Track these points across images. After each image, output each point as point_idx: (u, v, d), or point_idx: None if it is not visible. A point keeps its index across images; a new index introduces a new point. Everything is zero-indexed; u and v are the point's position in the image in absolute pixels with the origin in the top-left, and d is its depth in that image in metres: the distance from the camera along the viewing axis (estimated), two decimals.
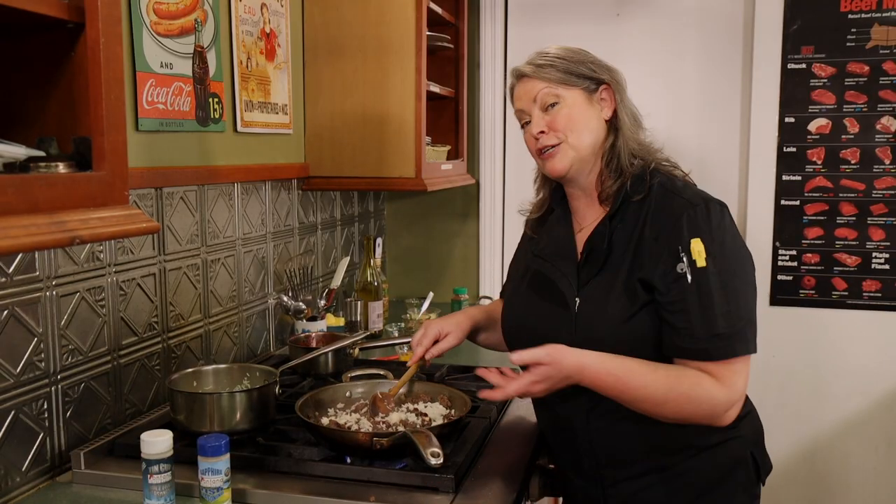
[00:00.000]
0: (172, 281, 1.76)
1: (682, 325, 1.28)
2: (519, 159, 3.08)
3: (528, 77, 1.43)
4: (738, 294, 1.30)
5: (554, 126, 1.41)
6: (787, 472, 2.90)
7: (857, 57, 2.67)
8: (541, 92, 1.41)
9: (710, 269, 1.28)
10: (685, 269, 1.28)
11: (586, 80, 1.41)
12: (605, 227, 1.39)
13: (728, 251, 1.31)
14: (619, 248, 1.38)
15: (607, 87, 1.43)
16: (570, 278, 1.42)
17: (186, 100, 1.77)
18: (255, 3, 2.06)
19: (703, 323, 1.27)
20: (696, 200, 1.34)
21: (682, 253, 1.29)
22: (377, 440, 1.34)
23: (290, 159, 2.31)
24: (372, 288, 2.48)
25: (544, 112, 1.42)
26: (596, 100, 1.43)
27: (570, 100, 1.41)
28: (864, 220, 2.73)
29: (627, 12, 2.90)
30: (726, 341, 1.27)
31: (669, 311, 1.30)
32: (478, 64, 3.01)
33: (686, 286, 1.28)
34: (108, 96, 0.99)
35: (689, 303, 1.28)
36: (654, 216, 1.35)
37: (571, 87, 1.41)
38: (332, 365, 1.87)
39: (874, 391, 2.80)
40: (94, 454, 1.42)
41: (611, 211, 1.40)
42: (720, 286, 1.28)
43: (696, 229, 1.30)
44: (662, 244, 1.32)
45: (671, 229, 1.31)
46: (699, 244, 1.28)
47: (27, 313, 1.36)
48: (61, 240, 0.90)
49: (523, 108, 1.45)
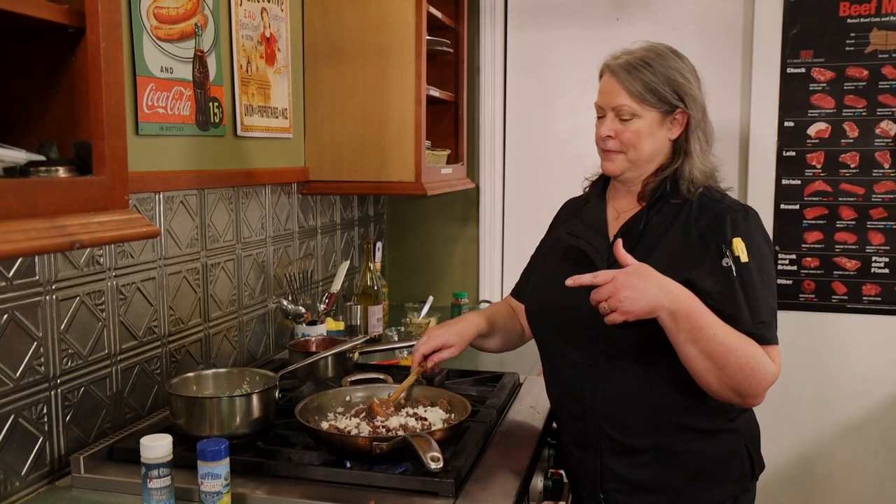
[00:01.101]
0: (172, 285, 1.76)
1: (730, 311, 1.36)
2: (519, 164, 3.09)
3: (615, 78, 1.48)
4: (771, 290, 1.42)
5: (620, 137, 1.48)
6: (787, 475, 2.90)
7: (856, 61, 2.68)
8: (620, 105, 1.47)
9: (752, 264, 1.39)
10: (730, 262, 1.39)
11: (665, 104, 1.47)
12: (642, 214, 1.49)
13: (763, 253, 1.43)
14: (653, 234, 1.47)
15: (683, 111, 1.48)
16: (602, 253, 1.50)
17: (186, 104, 1.77)
18: (255, 7, 2.06)
19: (749, 310, 1.37)
20: (737, 206, 1.46)
21: (725, 249, 1.40)
22: (377, 444, 1.34)
23: (289, 163, 2.31)
24: (372, 292, 2.48)
25: (617, 118, 1.49)
26: (668, 121, 1.49)
27: (644, 118, 1.47)
28: (864, 224, 2.73)
29: (627, 17, 2.90)
30: (769, 328, 1.38)
31: (717, 300, 1.37)
32: (477, 68, 3.01)
33: (732, 278, 1.38)
34: (108, 101, 0.99)
35: (737, 292, 1.37)
36: (697, 218, 1.45)
37: (649, 107, 1.46)
38: (331, 369, 1.87)
39: (874, 395, 2.80)
40: (94, 458, 1.41)
41: (650, 202, 1.49)
42: (760, 280, 1.39)
43: (737, 230, 1.41)
44: (708, 242, 1.42)
45: (716, 229, 1.42)
46: (741, 242, 1.40)
47: (27, 317, 1.36)
48: (61, 244, 0.90)
49: (602, 105, 1.52)
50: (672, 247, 1.45)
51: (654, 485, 1.48)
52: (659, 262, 1.39)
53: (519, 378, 1.98)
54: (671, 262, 1.41)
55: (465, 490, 1.33)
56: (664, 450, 1.47)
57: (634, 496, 1.50)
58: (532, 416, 1.73)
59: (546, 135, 3.01)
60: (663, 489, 1.49)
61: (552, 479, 1.63)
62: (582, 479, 1.57)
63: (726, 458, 1.49)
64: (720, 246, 1.40)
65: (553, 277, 1.58)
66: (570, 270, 1.49)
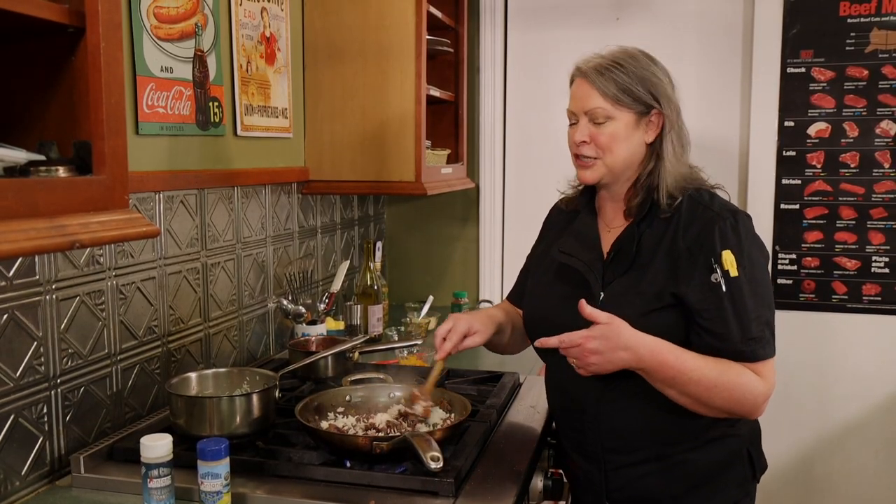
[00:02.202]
0: (172, 285, 1.76)
1: (719, 330, 1.36)
2: (519, 163, 3.09)
3: (587, 80, 1.45)
4: (764, 300, 1.39)
5: (596, 141, 1.45)
6: (787, 475, 2.90)
7: (856, 61, 2.68)
8: (594, 108, 1.44)
9: (742, 278, 1.36)
10: (719, 278, 1.36)
11: (640, 104, 1.43)
12: (633, 230, 1.46)
13: (755, 261, 1.39)
14: (646, 251, 1.44)
15: (658, 112, 1.44)
16: (597, 273, 1.47)
17: (186, 104, 1.77)
18: (255, 7, 2.06)
19: (738, 328, 1.35)
20: (725, 213, 1.41)
21: (714, 264, 1.36)
22: (377, 444, 1.34)
23: (289, 163, 2.31)
24: (372, 292, 2.48)
25: (591, 123, 1.45)
26: (643, 122, 1.45)
27: (619, 120, 1.43)
28: (864, 224, 2.73)
29: (627, 17, 2.90)
30: (760, 343, 1.37)
31: (706, 318, 1.36)
32: (477, 68, 3.01)
33: (721, 294, 1.35)
34: (108, 100, 0.99)
35: (725, 310, 1.35)
36: (686, 228, 1.41)
37: (623, 109, 1.43)
38: (331, 369, 1.87)
39: (874, 395, 2.80)
40: (94, 458, 1.41)
41: (637, 218, 1.46)
42: (751, 293, 1.36)
43: (726, 241, 1.37)
44: (696, 255, 1.38)
45: (704, 241, 1.39)
46: (730, 255, 1.36)
47: (27, 317, 1.36)
48: (61, 244, 0.90)
49: (574, 110, 1.48)
50: (665, 261, 1.41)
51: (659, 494, 1.47)
52: (654, 283, 1.40)
53: (519, 378, 1.98)
54: (666, 278, 1.40)
55: (465, 490, 1.33)
56: (667, 458, 1.45)
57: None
58: (532, 416, 1.73)
59: (546, 135, 3.01)
60: (668, 498, 1.47)
61: (552, 479, 1.63)
62: (586, 487, 1.56)
63: (729, 462, 1.48)
64: (709, 259, 1.37)
65: (548, 295, 1.57)
66: (564, 289, 1.52)
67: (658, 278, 1.40)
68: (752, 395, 1.36)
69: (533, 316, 1.61)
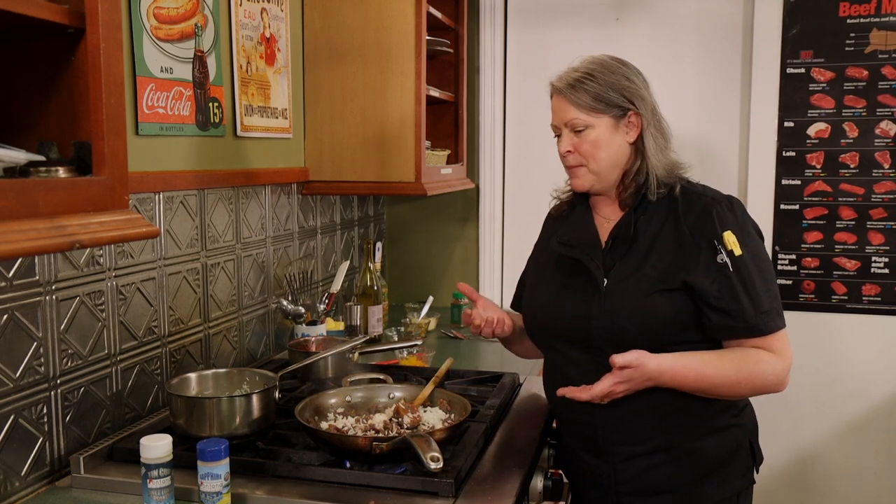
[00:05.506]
0: (172, 285, 1.76)
1: (732, 307, 1.41)
2: (519, 164, 3.09)
3: (562, 95, 1.52)
4: (768, 273, 1.46)
5: (579, 149, 1.52)
6: (787, 475, 2.90)
7: (855, 61, 2.68)
8: (571, 119, 1.51)
9: (745, 255, 1.43)
10: (725, 258, 1.42)
11: (615, 108, 1.49)
12: (629, 217, 1.51)
13: (753, 238, 1.47)
14: (643, 236, 1.49)
15: (635, 112, 1.50)
16: (597, 261, 1.51)
17: (186, 104, 1.77)
18: (255, 7, 2.06)
19: (750, 303, 1.41)
20: (719, 197, 1.49)
21: (718, 245, 1.43)
22: (377, 445, 1.34)
23: (289, 164, 2.31)
24: (371, 292, 2.48)
25: (573, 133, 1.52)
26: (623, 125, 1.51)
27: (598, 127, 1.50)
28: (864, 225, 2.73)
29: (627, 17, 2.90)
30: (771, 316, 1.43)
31: (718, 298, 1.41)
32: (477, 68, 3.01)
33: (729, 273, 1.41)
34: (108, 101, 0.99)
35: (735, 287, 1.41)
36: (685, 215, 1.47)
37: (600, 115, 1.49)
38: (331, 369, 1.87)
39: (874, 395, 2.80)
40: (94, 458, 1.41)
41: (632, 207, 1.51)
42: (756, 269, 1.43)
43: (725, 222, 1.44)
44: (699, 240, 1.44)
45: (704, 226, 1.45)
46: (731, 235, 1.43)
47: (27, 318, 1.36)
48: (61, 244, 0.90)
49: (556, 123, 1.57)
50: (667, 248, 1.46)
51: (668, 485, 1.50)
52: (657, 266, 1.45)
53: (519, 378, 1.97)
54: (669, 264, 1.45)
55: (465, 490, 1.33)
56: (675, 448, 1.49)
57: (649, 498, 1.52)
58: (532, 417, 1.73)
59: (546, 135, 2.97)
60: (676, 489, 1.51)
61: (552, 479, 1.63)
62: (593, 483, 1.58)
63: (734, 451, 1.53)
64: (712, 242, 1.43)
65: (550, 281, 1.61)
66: (565, 279, 1.56)
67: (663, 263, 1.45)
68: (773, 376, 1.43)
69: (536, 310, 1.63)
